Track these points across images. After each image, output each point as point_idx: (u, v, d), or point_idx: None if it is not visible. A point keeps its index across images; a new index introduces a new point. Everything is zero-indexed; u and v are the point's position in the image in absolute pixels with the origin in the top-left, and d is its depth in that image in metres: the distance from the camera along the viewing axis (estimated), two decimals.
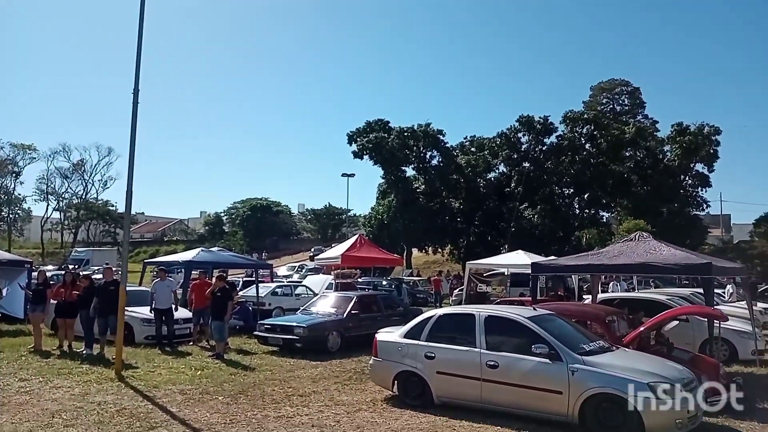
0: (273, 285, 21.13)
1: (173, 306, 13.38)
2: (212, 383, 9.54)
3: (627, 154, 50.26)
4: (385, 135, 49.24)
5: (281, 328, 12.83)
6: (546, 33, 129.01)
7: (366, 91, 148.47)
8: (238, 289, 21.17)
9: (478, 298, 18.90)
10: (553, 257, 18.37)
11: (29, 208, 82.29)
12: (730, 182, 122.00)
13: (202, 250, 17.87)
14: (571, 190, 50.82)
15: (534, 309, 8.00)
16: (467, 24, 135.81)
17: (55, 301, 12.70)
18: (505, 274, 19.95)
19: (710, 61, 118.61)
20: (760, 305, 20.14)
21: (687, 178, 48.76)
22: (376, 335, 8.68)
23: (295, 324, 12.69)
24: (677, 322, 11.99)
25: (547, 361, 6.85)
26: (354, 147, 49.91)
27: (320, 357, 12.05)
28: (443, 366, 7.68)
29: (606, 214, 52.91)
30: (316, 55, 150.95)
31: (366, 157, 49.42)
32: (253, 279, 27.33)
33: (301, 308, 14.58)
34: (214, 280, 12.88)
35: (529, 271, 19.63)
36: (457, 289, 27.11)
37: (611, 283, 22.53)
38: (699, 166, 48.18)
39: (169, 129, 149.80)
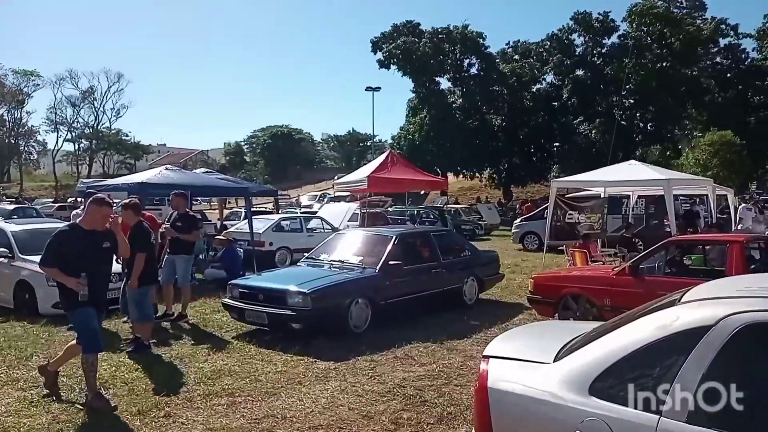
0: (277, 217, 15.57)
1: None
2: None
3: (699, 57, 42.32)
4: (416, 40, 41.91)
5: (266, 293, 7.19)
6: None
7: None
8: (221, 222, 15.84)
9: (567, 231, 13.03)
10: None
11: (44, 140, 78.33)
12: None
13: (165, 168, 12.22)
14: (632, 101, 43.46)
15: None
16: None
17: None
18: (601, 197, 13.96)
19: None
20: None
21: None
22: (487, 368, 2.77)
23: (290, 288, 7.02)
24: None
25: None
26: (379, 55, 42.86)
27: (334, 348, 6.47)
28: None
29: (675, 130, 45.44)
30: None
31: (393, 66, 42.37)
32: (265, 210, 22.03)
33: (305, 256, 8.83)
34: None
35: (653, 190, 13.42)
36: (518, 220, 21.17)
37: (741, 207, 16.35)
38: None
39: (188, 56, 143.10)
